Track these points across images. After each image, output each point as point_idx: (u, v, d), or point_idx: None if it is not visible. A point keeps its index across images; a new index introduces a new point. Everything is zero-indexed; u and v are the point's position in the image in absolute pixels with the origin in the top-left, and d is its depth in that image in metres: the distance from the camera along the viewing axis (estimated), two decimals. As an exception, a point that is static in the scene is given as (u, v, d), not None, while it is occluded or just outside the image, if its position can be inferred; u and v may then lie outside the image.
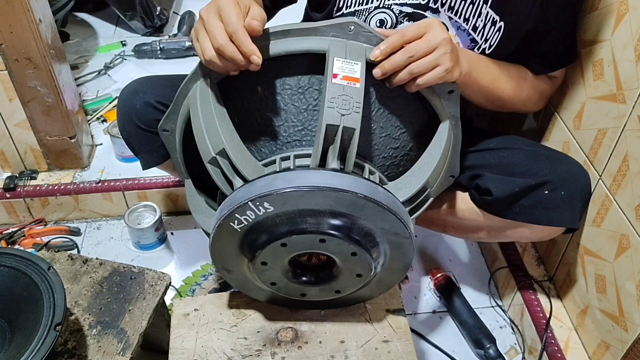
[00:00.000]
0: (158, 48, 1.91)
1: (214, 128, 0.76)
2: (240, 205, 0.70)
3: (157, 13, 2.04)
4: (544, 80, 1.04)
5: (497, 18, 0.91)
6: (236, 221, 0.72)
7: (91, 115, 1.63)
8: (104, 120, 1.63)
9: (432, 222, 1.17)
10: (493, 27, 0.92)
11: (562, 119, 1.09)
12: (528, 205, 0.95)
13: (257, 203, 0.69)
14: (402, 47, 0.77)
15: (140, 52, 1.93)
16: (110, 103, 1.68)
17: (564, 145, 1.08)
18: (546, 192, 0.94)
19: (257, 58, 0.71)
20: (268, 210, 0.70)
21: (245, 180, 0.75)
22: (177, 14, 2.18)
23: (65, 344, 0.90)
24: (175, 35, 2.04)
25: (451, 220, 1.12)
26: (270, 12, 1.04)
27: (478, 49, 0.95)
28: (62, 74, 1.34)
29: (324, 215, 0.71)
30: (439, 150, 0.81)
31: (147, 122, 0.97)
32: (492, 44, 0.94)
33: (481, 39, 0.93)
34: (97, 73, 1.85)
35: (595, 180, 0.99)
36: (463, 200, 1.07)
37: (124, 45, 1.99)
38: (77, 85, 1.60)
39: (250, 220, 0.72)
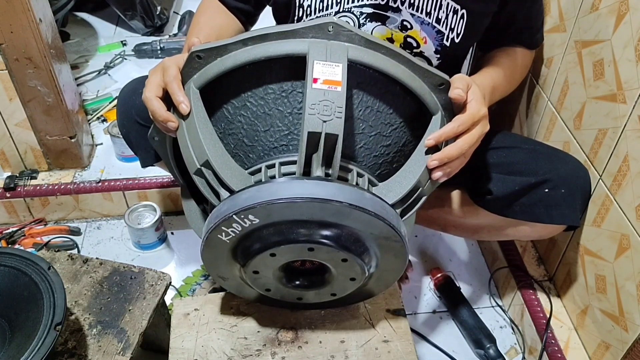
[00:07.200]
0: (158, 48, 1.91)
1: (196, 139, 0.75)
2: (225, 219, 0.69)
3: (158, 13, 2.04)
4: (526, 54, 1.07)
5: (457, 7, 0.92)
6: (223, 233, 0.71)
7: (91, 115, 1.63)
8: (104, 120, 1.63)
9: (432, 221, 1.17)
10: (456, 16, 0.93)
11: (563, 119, 1.09)
12: (528, 204, 0.95)
13: (242, 216, 0.69)
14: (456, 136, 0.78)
15: (140, 51, 1.93)
16: (110, 103, 1.68)
17: (564, 145, 1.08)
18: (546, 190, 0.94)
19: (185, 107, 0.75)
20: (254, 222, 0.70)
21: (230, 191, 0.74)
22: (178, 13, 2.18)
23: (65, 344, 0.90)
24: (175, 35, 2.04)
25: (451, 219, 1.12)
26: (254, 16, 1.06)
27: (447, 40, 0.96)
28: (62, 73, 1.34)
29: (311, 225, 0.70)
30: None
31: (146, 119, 0.96)
32: (459, 32, 0.95)
33: (446, 29, 0.94)
34: (97, 73, 1.85)
35: (595, 180, 0.99)
36: (463, 199, 1.07)
37: (124, 44, 1.99)
38: (78, 85, 1.60)
39: (237, 232, 0.71)
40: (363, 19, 0.94)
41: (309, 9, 0.94)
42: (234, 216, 0.69)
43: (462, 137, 0.77)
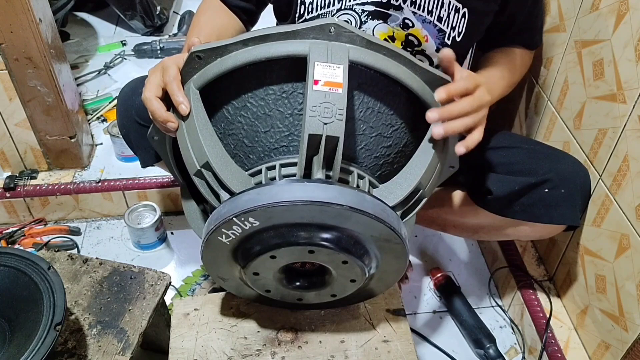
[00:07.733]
0: (158, 47, 1.91)
1: (196, 140, 0.75)
2: (225, 221, 0.69)
3: (157, 12, 2.04)
4: (525, 55, 1.08)
5: (459, 6, 0.93)
6: (224, 235, 0.71)
7: (91, 114, 1.63)
8: (104, 120, 1.63)
9: (432, 221, 1.17)
10: (457, 14, 0.94)
11: (563, 119, 1.09)
12: (528, 204, 0.95)
13: (242, 218, 0.68)
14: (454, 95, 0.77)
15: (140, 51, 1.93)
16: (110, 103, 1.68)
17: (564, 145, 1.08)
18: (546, 190, 0.94)
19: (184, 107, 0.75)
20: (254, 225, 0.69)
21: (230, 193, 0.74)
22: (177, 13, 2.18)
23: (65, 344, 0.90)
24: (175, 34, 2.04)
25: (451, 219, 1.12)
26: (255, 15, 1.06)
27: (448, 38, 0.96)
28: (62, 73, 1.34)
29: (311, 227, 0.70)
30: (431, 148, 0.80)
31: (146, 119, 0.96)
32: (460, 31, 0.95)
33: (448, 27, 0.95)
34: (97, 73, 1.85)
35: (595, 180, 0.99)
36: (463, 199, 1.07)
37: (124, 44, 1.99)
38: (77, 85, 1.60)
39: (238, 235, 0.71)
40: (365, 16, 0.94)
41: (310, 6, 0.94)
42: (234, 219, 0.69)
43: (464, 97, 0.77)
